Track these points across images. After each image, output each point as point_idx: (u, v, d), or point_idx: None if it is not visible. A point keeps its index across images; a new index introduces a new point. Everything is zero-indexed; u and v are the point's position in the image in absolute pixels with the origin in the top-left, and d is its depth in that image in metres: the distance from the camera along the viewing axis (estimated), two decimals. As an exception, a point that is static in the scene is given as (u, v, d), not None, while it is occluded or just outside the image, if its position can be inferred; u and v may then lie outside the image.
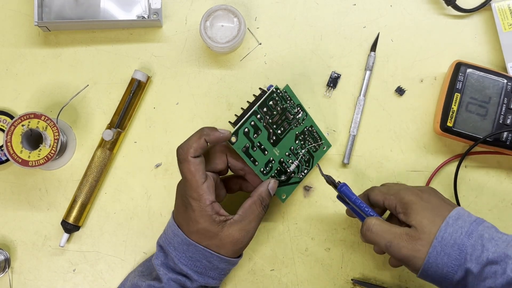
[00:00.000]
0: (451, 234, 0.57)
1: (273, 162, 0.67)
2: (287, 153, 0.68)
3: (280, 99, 0.66)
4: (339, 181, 0.64)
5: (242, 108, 0.66)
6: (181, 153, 0.61)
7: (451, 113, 0.69)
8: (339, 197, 0.66)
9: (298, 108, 0.68)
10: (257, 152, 0.65)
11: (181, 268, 0.62)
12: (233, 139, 0.62)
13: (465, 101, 0.69)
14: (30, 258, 0.74)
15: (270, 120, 0.65)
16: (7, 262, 0.73)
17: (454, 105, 0.69)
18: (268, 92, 0.65)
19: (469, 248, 0.56)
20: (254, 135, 0.64)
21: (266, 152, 0.66)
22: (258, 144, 0.65)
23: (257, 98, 0.66)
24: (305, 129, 0.69)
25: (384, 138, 0.75)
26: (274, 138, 0.66)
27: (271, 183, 0.65)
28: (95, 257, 0.74)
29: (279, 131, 0.66)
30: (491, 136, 0.69)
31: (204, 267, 0.63)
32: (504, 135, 0.69)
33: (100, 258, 0.74)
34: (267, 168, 0.66)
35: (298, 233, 0.74)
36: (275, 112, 0.65)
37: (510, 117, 0.69)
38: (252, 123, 0.64)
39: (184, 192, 0.61)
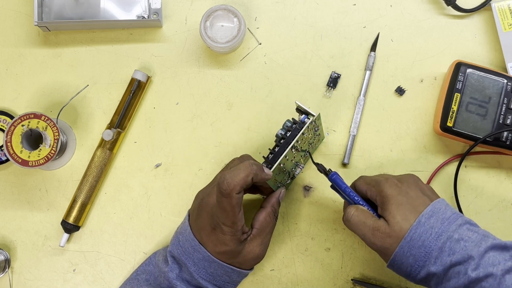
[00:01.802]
0: (420, 235, 0.58)
1: (286, 174, 0.68)
2: (297, 162, 0.69)
3: (312, 127, 0.66)
4: (329, 169, 0.65)
5: (275, 142, 0.64)
6: (226, 188, 0.58)
7: (451, 113, 0.69)
8: (332, 187, 0.66)
9: (319, 125, 0.68)
10: (280, 175, 0.66)
11: (199, 282, 0.63)
12: (269, 177, 0.63)
13: (465, 101, 0.69)
14: (30, 258, 0.74)
15: (297, 146, 0.66)
16: (7, 262, 0.73)
17: (454, 105, 0.69)
18: (307, 123, 0.63)
19: (434, 251, 0.57)
20: (283, 163, 0.64)
21: (285, 170, 0.66)
22: (283, 169, 0.66)
23: (293, 131, 0.64)
24: (315, 136, 0.70)
25: (384, 138, 0.75)
26: (294, 157, 0.67)
27: (282, 193, 0.67)
28: (95, 257, 0.74)
29: (299, 149, 0.67)
30: (491, 136, 0.69)
31: (223, 281, 0.64)
32: (504, 135, 0.69)
33: (100, 258, 0.74)
34: (280, 180, 0.67)
35: (298, 233, 0.74)
36: (303, 139, 0.66)
37: (510, 117, 0.69)
38: (287, 157, 0.64)
39: (216, 216, 0.61)
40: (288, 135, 0.63)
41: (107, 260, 0.74)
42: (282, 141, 0.63)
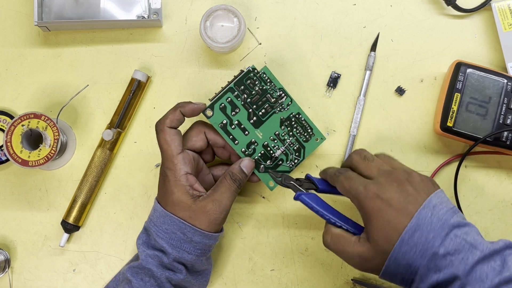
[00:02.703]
0: (404, 254, 0.55)
1: (255, 144, 0.68)
2: (271, 138, 0.68)
3: (258, 80, 0.67)
4: (294, 183, 0.65)
5: (221, 87, 0.68)
6: (158, 124, 0.64)
7: (451, 113, 0.69)
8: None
9: (281, 92, 0.69)
10: (236, 130, 0.66)
11: (158, 242, 0.63)
12: (209, 112, 0.65)
13: (465, 101, 0.69)
14: (30, 258, 0.74)
15: (249, 100, 0.67)
16: (7, 262, 0.73)
17: (454, 105, 0.69)
18: (245, 71, 0.67)
19: (421, 269, 0.55)
20: (232, 112, 0.66)
21: (247, 133, 0.67)
22: (237, 122, 0.67)
23: (236, 77, 0.68)
24: (291, 115, 0.69)
25: (384, 138, 0.75)
26: (255, 118, 0.67)
27: (245, 161, 0.66)
28: (95, 257, 0.74)
29: (260, 113, 0.68)
30: (491, 136, 0.69)
31: (179, 240, 0.63)
32: (504, 135, 0.69)
33: (100, 258, 0.74)
34: (250, 150, 0.67)
35: (298, 233, 0.74)
36: (253, 92, 0.67)
37: (510, 117, 0.69)
38: (229, 99, 0.66)
39: (162, 165, 0.64)
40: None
41: (107, 260, 0.74)
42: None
